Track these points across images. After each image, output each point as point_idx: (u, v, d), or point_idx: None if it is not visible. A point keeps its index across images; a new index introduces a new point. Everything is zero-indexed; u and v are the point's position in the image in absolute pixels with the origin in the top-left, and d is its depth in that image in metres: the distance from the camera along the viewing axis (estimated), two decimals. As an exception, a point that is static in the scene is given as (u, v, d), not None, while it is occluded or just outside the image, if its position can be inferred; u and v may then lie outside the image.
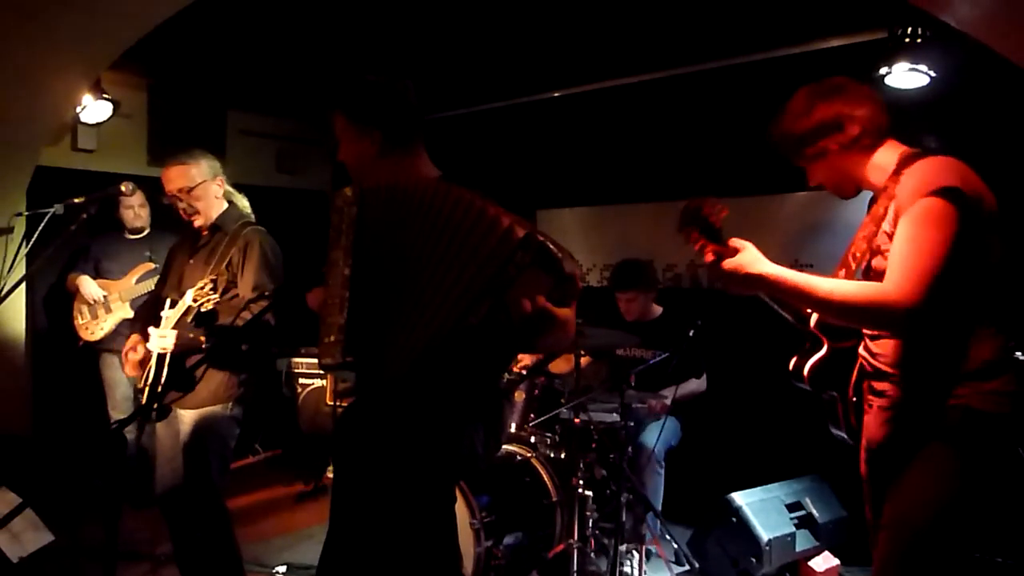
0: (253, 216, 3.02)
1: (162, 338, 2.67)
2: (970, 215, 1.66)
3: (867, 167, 1.89)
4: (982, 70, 3.23)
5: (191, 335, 2.68)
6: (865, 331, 1.90)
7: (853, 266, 1.86)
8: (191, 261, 2.89)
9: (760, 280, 1.77)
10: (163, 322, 2.73)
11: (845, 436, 2.02)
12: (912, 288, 1.64)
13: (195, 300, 2.66)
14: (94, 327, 4.30)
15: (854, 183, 1.93)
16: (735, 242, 1.80)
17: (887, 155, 1.86)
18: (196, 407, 2.74)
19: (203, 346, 2.68)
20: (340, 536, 2.01)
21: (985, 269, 1.72)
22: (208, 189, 2.88)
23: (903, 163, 1.81)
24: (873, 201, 1.93)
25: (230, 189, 3.00)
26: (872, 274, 1.82)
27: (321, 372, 5.37)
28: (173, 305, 2.75)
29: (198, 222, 2.90)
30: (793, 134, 1.91)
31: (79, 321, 4.34)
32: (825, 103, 1.87)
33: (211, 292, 2.67)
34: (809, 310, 1.93)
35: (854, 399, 1.95)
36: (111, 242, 4.45)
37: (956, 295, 1.68)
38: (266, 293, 2.75)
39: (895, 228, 1.73)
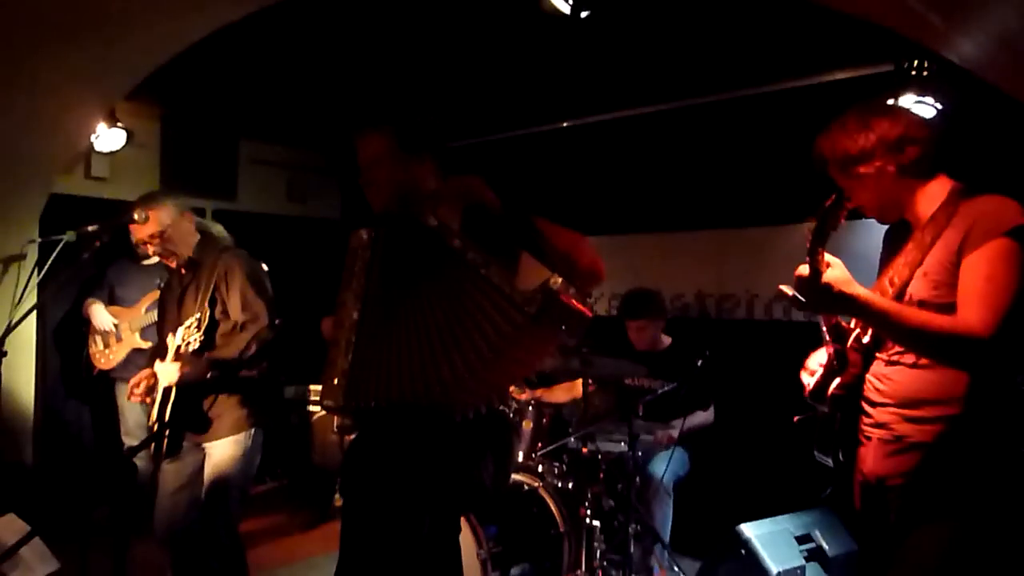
0: (231, 239, 3.02)
1: (168, 370, 2.69)
2: None
3: (917, 195, 1.86)
4: (988, 103, 3.26)
5: (195, 368, 2.68)
6: (882, 358, 1.88)
7: (890, 291, 1.84)
8: (184, 298, 2.90)
9: (851, 301, 1.71)
10: (167, 356, 2.76)
11: (829, 461, 2.00)
12: (992, 322, 1.65)
13: (183, 339, 2.69)
14: (107, 356, 4.31)
15: (900, 209, 1.90)
16: (828, 258, 1.72)
17: (937, 187, 1.85)
18: (221, 437, 2.76)
19: (207, 375, 2.69)
20: (349, 568, 2.00)
21: None
22: (179, 228, 2.89)
23: (956, 196, 1.81)
24: (899, 231, 1.92)
25: (199, 219, 3.02)
26: (903, 300, 1.81)
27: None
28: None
29: (174, 263, 2.92)
30: (848, 151, 1.85)
31: (93, 349, 4.35)
32: (890, 121, 1.83)
33: (196, 331, 2.69)
34: (887, 335, 1.86)
35: (851, 425, 1.93)
36: (124, 269, 4.48)
37: (1016, 335, 1.70)
38: (260, 315, 2.76)
39: (956, 258, 1.73)
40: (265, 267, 2.95)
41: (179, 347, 2.70)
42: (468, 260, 1.77)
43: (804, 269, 1.72)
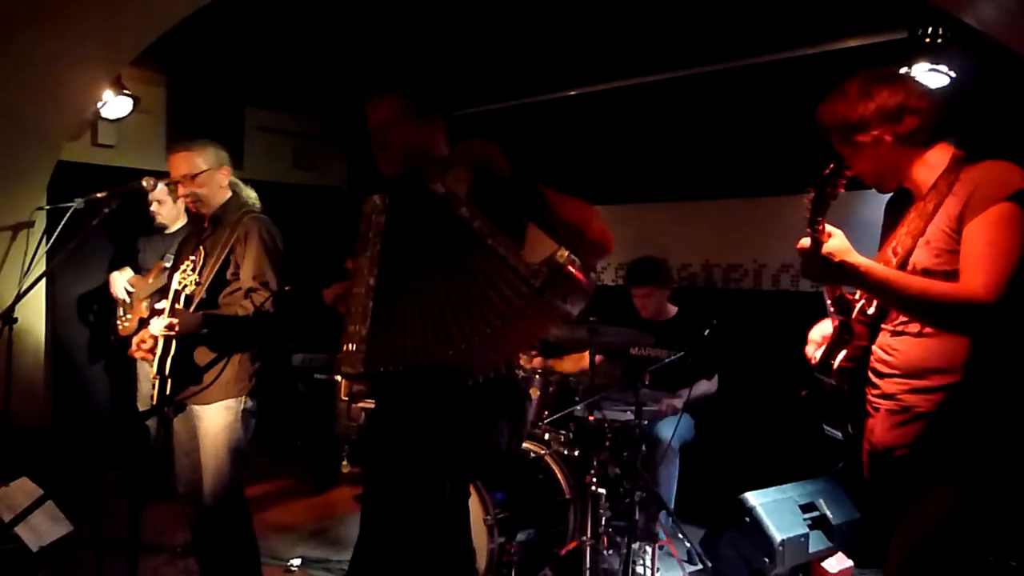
0: (259, 206, 2.99)
1: (161, 323, 2.68)
2: None
3: (916, 164, 1.86)
4: (1002, 71, 3.21)
5: (188, 320, 2.67)
6: (887, 329, 1.88)
7: (894, 261, 1.84)
8: (201, 250, 2.87)
9: (852, 270, 1.72)
10: (165, 310, 2.77)
11: (839, 434, 2.01)
12: (996, 288, 1.65)
13: (180, 284, 2.70)
14: (125, 323, 4.35)
15: (898, 178, 1.90)
16: (828, 228, 1.72)
17: (937, 155, 1.84)
18: (210, 402, 2.76)
19: (201, 328, 2.68)
20: (370, 535, 2.03)
21: None
22: (212, 177, 2.88)
23: (957, 164, 1.80)
24: (901, 201, 1.91)
25: (236, 180, 2.99)
26: (907, 269, 1.81)
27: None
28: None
29: (200, 209, 2.91)
30: (848, 118, 1.85)
31: (119, 315, 4.39)
32: (889, 90, 1.82)
33: (191, 272, 2.70)
34: (889, 304, 1.86)
35: (858, 397, 1.94)
36: (151, 239, 4.48)
37: (1020, 301, 1.69)
38: (270, 285, 2.75)
39: (957, 224, 1.73)
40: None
41: (176, 291, 2.70)
42: (475, 229, 1.76)
43: (805, 240, 1.73)
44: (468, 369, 1.85)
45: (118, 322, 4.37)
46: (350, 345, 1.88)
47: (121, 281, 4.32)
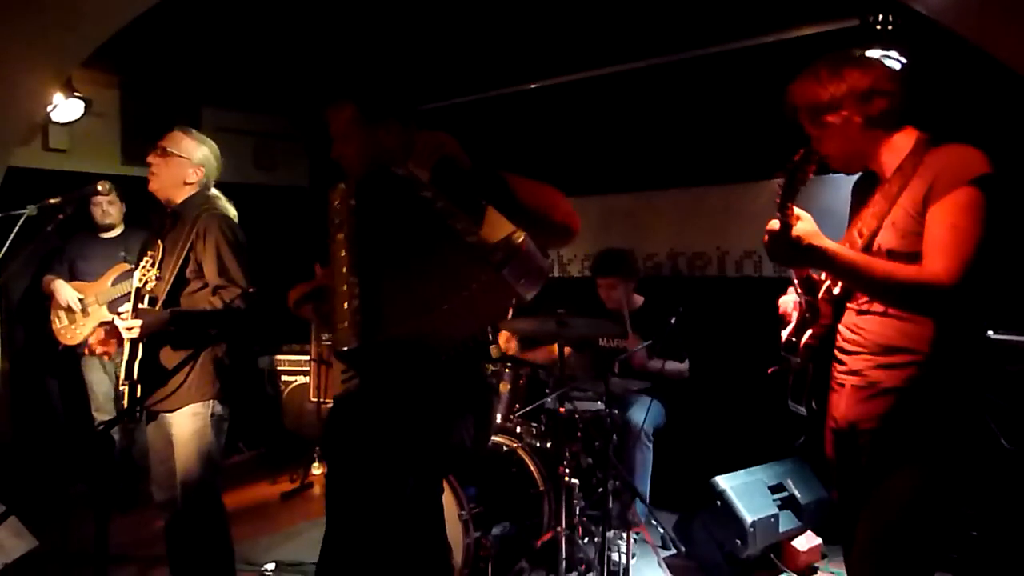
0: (232, 213, 2.94)
1: (125, 323, 2.63)
2: (996, 205, 1.72)
3: (883, 146, 1.88)
4: (952, 57, 3.28)
5: (154, 318, 2.63)
6: (852, 308, 1.92)
7: (859, 242, 1.87)
8: (159, 244, 2.82)
9: (819, 253, 1.74)
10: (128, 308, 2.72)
11: (803, 410, 2.05)
12: (957, 271, 1.68)
13: (141, 280, 2.66)
14: (72, 332, 4.25)
15: (864, 160, 1.93)
16: (796, 211, 1.75)
17: (903, 138, 1.87)
18: (178, 407, 2.71)
19: (167, 325, 2.64)
20: (335, 530, 2.02)
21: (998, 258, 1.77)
22: (181, 166, 2.84)
23: (922, 147, 1.83)
24: (867, 183, 1.94)
25: (217, 193, 2.94)
26: (872, 250, 1.84)
27: (304, 369, 5.36)
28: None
29: (152, 184, 2.86)
30: (819, 98, 1.87)
31: (57, 325, 4.28)
32: (861, 72, 1.84)
33: (150, 267, 2.66)
34: (854, 286, 1.90)
35: (823, 375, 1.98)
36: (85, 243, 4.40)
37: (983, 283, 1.73)
38: (237, 281, 2.71)
39: (922, 207, 1.76)
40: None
41: (138, 289, 2.67)
42: (437, 209, 1.83)
43: (775, 224, 1.75)
44: (443, 341, 1.90)
45: (61, 330, 4.28)
46: (342, 322, 1.91)
47: (67, 288, 4.23)
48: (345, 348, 1.90)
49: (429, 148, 1.88)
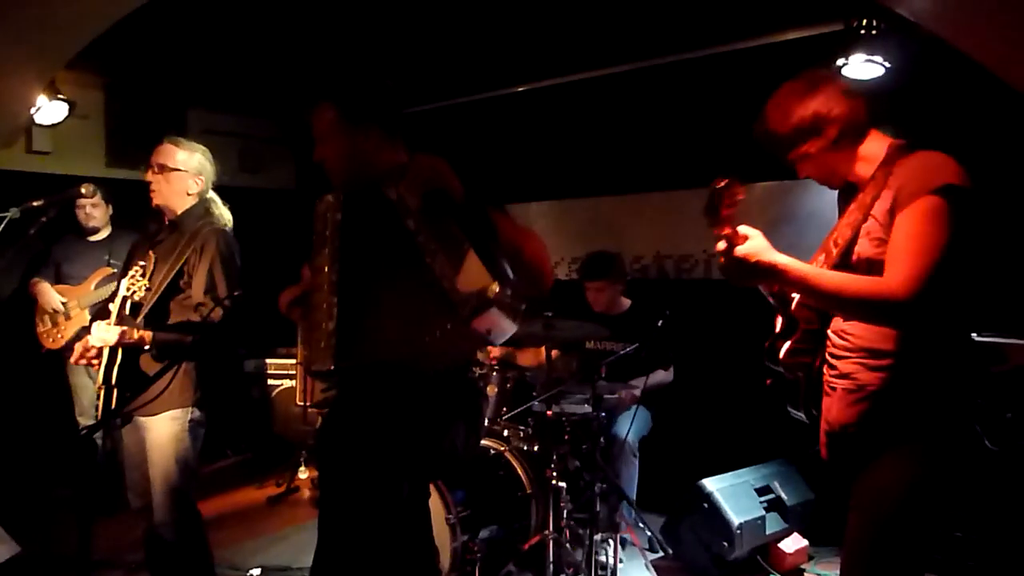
0: (225, 222, 2.91)
1: (104, 332, 2.60)
2: (968, 213, 1.71)
3: (855, 159, 1.89)
4: (936, 60, 3.31)
5: (136, 333, 2.61)
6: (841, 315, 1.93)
7: (834, 252, 1.87)
8: (151, 255, 2.80)
9: (770, 270, 1.74)
10: (111, 316, 2.69)
11: (803, 416, 2.05)
12: (915, 283, 1.66)
13: (128, 289, 2.63)
14: (55, 335, 4.21)
15: (842, 176, 1.94)
16: (744, 229, 1.75)
17: (873, 146, 1.88)
18: (155, 413, 2.68)
19: (146, 346, 2.62)
20: (328, 536, 2.02)
21: (978, 263, 1.77)
22: (182, 179, 2.81)
23: (894, 155, 1.83)
24: (848, 192, 1.95)
25: (214, 197, 2.92)
26: (851, 259, 1.84)
27: (291, 373, 5.33)
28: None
29: (155, 201, 2.84)
30: (776, 135, 1.90)
31: (40, 329, 4.25)
32: (800, 105, 1.86)
33: (140, 278, 2.64)
34: (810, 300, 1.91)
35: (816, 381, 1.99)
36: (71, 246, 4.36)
37: (955, 291, 1.72)
38: (222, 297, 2.69)
39: (889, 218, 1.76)
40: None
41: (124, 297, 2.64)
42: (418, 243, 1.83)
43: (721, 244, 1.76)
44: (427, 362, 1.90)
45: (44, 334, 4.24)
46: (320, 342, 1.89)
47: (51, 291, 4.19)
48: (316, 369, 1.92)
49: (423, 176, 1.86)
